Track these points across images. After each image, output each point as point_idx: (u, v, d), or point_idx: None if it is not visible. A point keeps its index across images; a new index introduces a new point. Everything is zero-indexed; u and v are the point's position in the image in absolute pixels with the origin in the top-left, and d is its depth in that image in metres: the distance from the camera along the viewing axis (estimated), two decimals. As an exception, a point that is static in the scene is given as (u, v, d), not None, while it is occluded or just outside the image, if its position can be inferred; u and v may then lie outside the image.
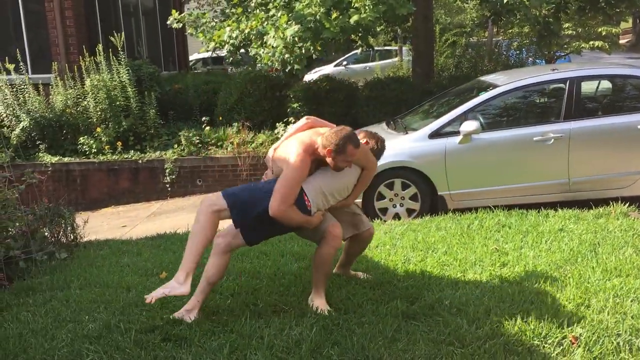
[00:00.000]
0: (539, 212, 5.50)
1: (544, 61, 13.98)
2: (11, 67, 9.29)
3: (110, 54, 9.41)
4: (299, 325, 3.35)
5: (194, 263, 3.51)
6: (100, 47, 9.47)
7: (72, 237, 5.23)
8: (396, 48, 18.96)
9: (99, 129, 9.26)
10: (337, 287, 3.91)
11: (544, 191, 5.98)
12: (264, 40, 7.74)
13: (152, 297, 3.38)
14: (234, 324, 3.42)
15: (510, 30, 16.99)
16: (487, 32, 20.15)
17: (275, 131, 9.31)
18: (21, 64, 9.49)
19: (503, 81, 6.35)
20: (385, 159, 5.78)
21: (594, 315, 3.35)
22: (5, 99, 9.46)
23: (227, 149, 9.22)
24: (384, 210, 6.02)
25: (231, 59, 9.86)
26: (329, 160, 3.52)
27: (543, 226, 5.08)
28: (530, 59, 13.71)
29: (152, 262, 4.66)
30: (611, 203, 5.57)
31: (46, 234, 5.08)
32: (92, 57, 9.44)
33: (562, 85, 6.12)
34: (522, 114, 6.39)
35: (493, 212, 5.58)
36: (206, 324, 3.44)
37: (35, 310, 3.80)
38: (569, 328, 3.23)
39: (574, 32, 15.38)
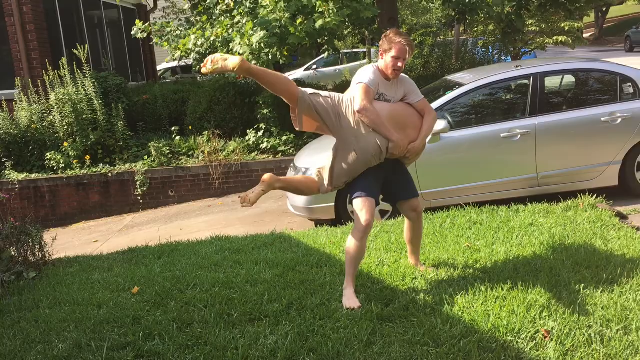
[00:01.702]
0: (509, 207, 5.56)
1: (510, 58, 14.17)
2: (-28, 84, 9.10)
3: (75, 67, 9.27)
4: (274, 334, 3.33)
5: None
6: (64, 60, 9.32)
7: (40, 256, 5.11)
8: (365, 50, 19.04)
9: (66, 144, 9.11)
10: (311, 293, 3.89)
11: (513, 187, 6.05)
12: (230, 47, 7.71)
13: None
14: (208, 336, 3.38)
15: (475, 29, 17.21)
16: (453, 32, 20.40)
17: (247, 138, 9.28)
18: (-18, 80, 9.32)
19: (469, 80, 6.42)
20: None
21: (565, 308, 3.39)
22: (-32, 116, 9.26)
23: (198, 158, 9.15)
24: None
25: (198, 67, 9.77)
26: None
27: (514, 221, 5.13)
28: (497, 56, 13.91)
29: (124, 277, 4.59)
30: (579, 195, 5.65)
31: (13, 253, 4.96)
32: (56, 71, 9.29)
33: (526, 81, 6.21)
34: (489, 111, 6.46)
35: (465, 209, 5.62)
36: (180, 338, 3.39)
37: (3, 333, 3.71)
38: (542, 322, 3.26)
39: (538, 28, 15.61)
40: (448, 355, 3.02)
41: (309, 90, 3.82)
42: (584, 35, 25.03)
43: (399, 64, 3.70)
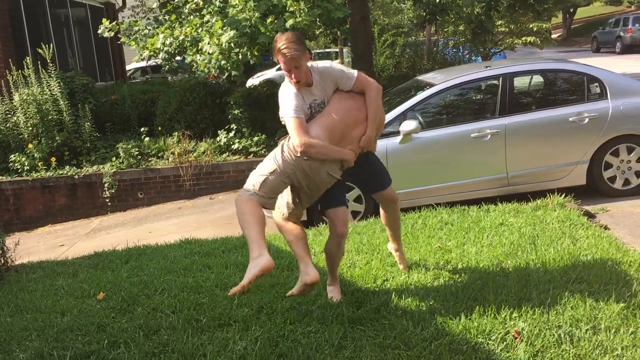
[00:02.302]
0: (480, 207, 5.58)
1: (480, 58, 14.31)
2: None
3: (40, 67, 9.04)
4: (243, 339, 3.27)
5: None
6: (28, 59, 9.08)
7: (2, 262, 4.95)
8: (337, 50, 19.04)
9: (30, 145, 8.88)
10: (281, 298, 3.83)
11: (484, 186, 6.08)
12: (200, 46, 7.60)
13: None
14: (175, 342, 3.30)
15: (446, 29, 17.36)
16: (425, 32, 20.53)
17: (218, 139, 9.16)
18: (-57, 80, 9.01)
19: (439, 80, 6.43)
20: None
21: (535, 308, 3.39)
22: None
23: (168, 159, 9.00)
24: (329, 215, 5.97)
25: (167, 66, 9.64)
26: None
27: (484, 221, 5.15)
28: (467, 56, 14.03)
29: (89, 283, 4.47)
30: (548, 195, 5.70)
31: (-27, 259, 4.80)
32: (20, 71, 9.04)
33: (495, 81, 6.24)
34: (459, 111, 6.48)
35: (436, 210, 5.62)
36: (146, 345, 3.30)
37: (-40, 343, 3.56)
38: (512, 323, 3.26)
39: (507, 29, 15.81)
40: (419, 358, 2.99)
41: (257, 185, 3.42)
42: (552, 36, 25.45)
43: (293, 75, 3.33)
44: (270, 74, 18.73)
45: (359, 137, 3.50)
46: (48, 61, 9.00)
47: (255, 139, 8.98)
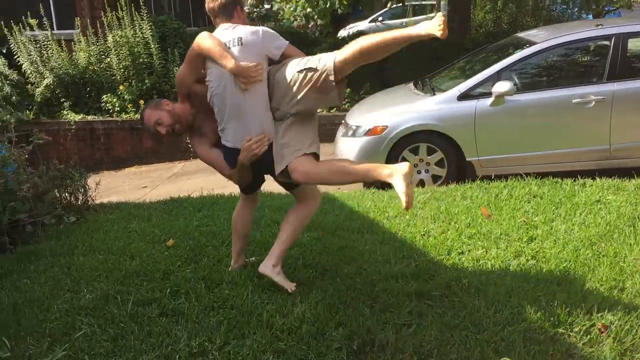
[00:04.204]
0: (574, 181, 5.11)
1: (591, 16, 13.17)
2: (34, 22, 9.14)
3: (133, 9, 9.16)
4: (303, 303, 3.13)
5: None
6: (122, 1, 9.21)
7: (83, 200, 5.09)
8: (433, 2, 18.15)
9: (122, 87, 9.10)
10: (348, 261, 3.66)
11: (581, 158, 5.56)
12: (287, -7, 7.37)
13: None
14: (235, 298, 3.23)
15: (556, -17, 16.06)
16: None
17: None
18: (45, 19, 9.32)
19: (541, 38, 5.86)
20: (409, 122, 5.50)
21: (627, 300, 3.03)
22: (30, 55, 9.35)
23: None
24: (408, 176, 5.69)
25: (255, 13, 9.49)
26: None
27: (578, 197, 4.70)
28: (577, 13, 12.94)
29: (161, 228, 4.49)
30: (656, 172, 5.13)
31: (57, 195, 4.95)
32: (114, 12, 9.21)
33: (606, 42, 5.61)
34: (561, 74, 5.91)
35: (525, 180, 5.21)
36: (206, 298, 3.25)
37: (34, 278, 3.68)
38: (599, 315, 2.92)
39: (625, -15, 14.39)
40: (489, 343, 2.74)
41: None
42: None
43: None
44: (362, 25, 18.24)
45: None
46: (141, 4, 9.09)
47: (340, 92, 8.70)
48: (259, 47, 3.04)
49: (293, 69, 3.02)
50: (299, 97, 3.01)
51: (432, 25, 2.80)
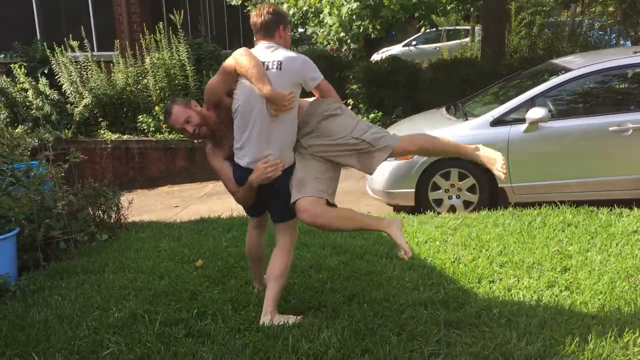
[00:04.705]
0: (611, 210, 4.98)
1: (629, 42, 12.94)
2: (75, 44, 9.43)
3: (171, 32, 9.38)
4: (330, 328, 3.10)
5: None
6: (160, 25, 9.44)
7: (115, 218, 5.17)
8: (468, 28, 18.12)
9: (157, 108, 9.29)
10: (375, 287, 3.62)
11: (618, 187, 5.42)
12: (320, 17, 7.44)
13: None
14: (261, 321, 3.21)
15: (593, 9, 15.88)
16: (569, 12, 18.95)
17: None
18: (86, 41, 9.60)
19: (577, 64, 5.78)
20: (441, 147, 5.45)
21: (666, 336, 2.92)
22: (70, 76, 9.63)
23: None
24: (439, 202, 5.65)
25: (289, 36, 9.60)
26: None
27: (615, 227, 4.57)
28: (615, 40, 12.73)
29: (190, 248, 4.53)
30: (696, 203, 4.97)
31: (91, 213, 5.04)
32: (152, 35, 9.45)
33: (645, 69, 5.49)
34: (597, 101, 5.80)
35: (559, 208, 5.10)
36: (233, 320, 3.25)
37: (65, 294, 3.73)
38: (635, 349, 2.82)
39: (665, 11, 14.11)
40: (520, 376, 2.66)
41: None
42: None
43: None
44: (396, 49, 18.31)
45: None
46: (178, 27, 9.31)
47: (372, 115, 8.72)
48: (296, 76, 3.05)
49: (348, 131, 3.09)
50: (341, 153, 3.11)
51: (494, 161, 3.13)
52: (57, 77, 9.72)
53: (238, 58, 3.04)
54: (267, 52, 3.08)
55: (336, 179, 3.21)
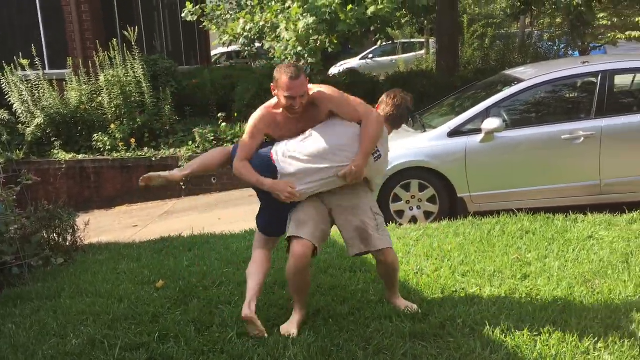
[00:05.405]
0: (566, 216, 5.11)
1: (577, 53, 13.39)
2: (26, 62, 9.19)
3: (125, 49, 9.23)
4: (295, 345, 3.07)
5: None
6: (114, 41, 9.28)
7: (71, 241, 5.02)
8: (422, 40, 18.46)
9: (113, 126, 9.10)
10: (340, 301, 3.61)
11: (572, 193, 5.56)
12: (277, 33, 7.46)
13: None
14: (225, 341, 3.16)
15: (542, 21, 16.40)
16: (518, 24, 19.51)
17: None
18: (37, 59, 9.36)
19: (529, 75, 5.94)
20: (401, 159, 5.51)
21: (624, 339, 2.99)
22: (21, 95, 9.36)
23: (243, 145, 8.94)
24: (400, 213, 5.68)
25: (246, 52, 9.59)
26: (279, 103, 3.21)
27: (571, 233, 4.69)
28: (563, 50, 13.15)
29: (150, 269, 4.43)
30: (647, 207, 5.14)
31: (45, 236, 4.89)
32: (106, 52, 9.28)
33: (593, 79, 5.67)
34: (550, 110, 5.96)
35: (517, 216, 5.20)
36: (196, 342, 3.18)
37: (20, 322, 3.60)
38: (596, 354, 2.88)
39: (609, 22, 14.70)
40: (486, 386, 2.68)
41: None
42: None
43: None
44: (353, 62, 18.50)
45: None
46: (133, 43, 9.15)
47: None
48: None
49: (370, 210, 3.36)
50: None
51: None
52: (7, 96, 9.43)
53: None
54: None
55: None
